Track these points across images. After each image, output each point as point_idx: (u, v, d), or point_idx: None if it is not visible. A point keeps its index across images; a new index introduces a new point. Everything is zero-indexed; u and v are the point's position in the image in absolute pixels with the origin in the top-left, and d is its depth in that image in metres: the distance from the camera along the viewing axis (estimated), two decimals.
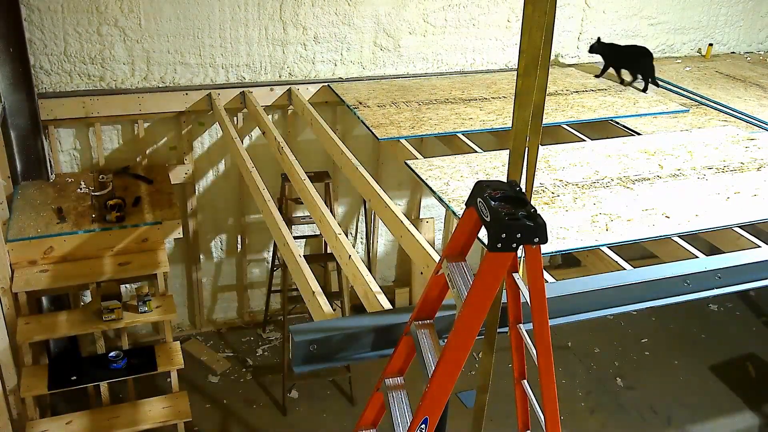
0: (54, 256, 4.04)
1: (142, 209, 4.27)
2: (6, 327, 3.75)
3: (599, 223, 3.03)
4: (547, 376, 1.91)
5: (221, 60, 4.68)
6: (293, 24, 4.73)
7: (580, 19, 5.57)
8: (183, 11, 4.44)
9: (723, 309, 6.14)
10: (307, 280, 2.76)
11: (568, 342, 5.54)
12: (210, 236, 5.22)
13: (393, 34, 5.04)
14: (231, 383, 4.98)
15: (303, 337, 2.27)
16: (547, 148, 3.83)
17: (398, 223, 3.06)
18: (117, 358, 3.98)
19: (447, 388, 1.89)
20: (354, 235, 5.68)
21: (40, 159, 4.38)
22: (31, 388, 3.80)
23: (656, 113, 4.59)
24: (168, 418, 4.03)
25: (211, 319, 5.51)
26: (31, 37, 4.20)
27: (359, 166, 3.61)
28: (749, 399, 5.10)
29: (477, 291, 1.79)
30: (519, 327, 2.07)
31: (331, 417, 4.73)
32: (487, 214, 1.79)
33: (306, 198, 3.44)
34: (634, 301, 2.69)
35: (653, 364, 5.41)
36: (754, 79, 5.51)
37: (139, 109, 4.51)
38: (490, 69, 5.46)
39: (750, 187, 3.44)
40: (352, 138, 5.11)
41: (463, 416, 3.07)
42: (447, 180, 3.40)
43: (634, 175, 3.54)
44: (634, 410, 4.95)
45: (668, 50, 6.06)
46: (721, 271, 2.79)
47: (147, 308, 4.04)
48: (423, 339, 2.12)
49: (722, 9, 6.07)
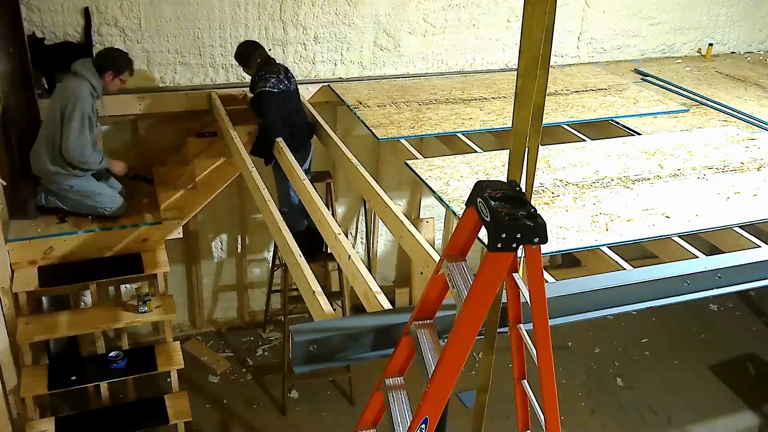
0: (54, 256, 4.04)
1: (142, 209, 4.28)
2: (6, 327, 3.75)
3: (599, 223, 3.03)
4: (547, 376, 1.91)
5: (221, 60, 4.68)
6: (293, 24, 4.73)
7: (580, 19, 5.57)
8: (183, 11, 4.44)
9: (723, 309, 6.14)
10: (307, 280, 2.76)
11: (568, 342, 5.54)
12: (210, 236, 5.22)
13: (393, 34, 5.04)
14: (231, 383, 4.98)
15: (303, 337, 2.27)
16: (547, 148, 3.83)
17: (398, 223, 3.06)
18: (117, 358, 3.98)
19: (447, 388, 1.89)
20: (354, 235, 5.68)
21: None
22: (31, 388, 3.80)
23: (656, 113, 4.59)
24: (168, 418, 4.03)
25: (211, 319, 5.51)
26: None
27: (359, 166, 3.61)
28: (749, 399, 5.10)
29: (477, 291, 1.79)
30: (519, 327, 2.06)
31: (331, 417, 4.73)
32: (487, 214, 1.79)
33: (306, 198, 3.44)
34: (634, 301, 2.69)
35: (653, 364, 5.41)
36: (754, 79, 5.51)
37: (139, 109, 4.51)
38: (490, 69, 5.46)
39: (750, 187, 3.43)
40: (352, 138, 5.11)
41: (463, 416, 3.07)
42: (447, 180, 3.40)
43: (634, 175, 3.54)
44: (634, 410, 4.95)
45: (668, 50, 6.06)
46: (721, 271, 2.79)
47: (147, 308, 4.04)
48: (423, 339, 2.12)
49: (722, 9, 6.07)
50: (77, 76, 3.89)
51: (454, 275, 1.97)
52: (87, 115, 3.88)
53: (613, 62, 5.84)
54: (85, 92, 3.87)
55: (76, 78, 3.89)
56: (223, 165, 4.33)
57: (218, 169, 4.33)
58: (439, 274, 2.09)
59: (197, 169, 4.30)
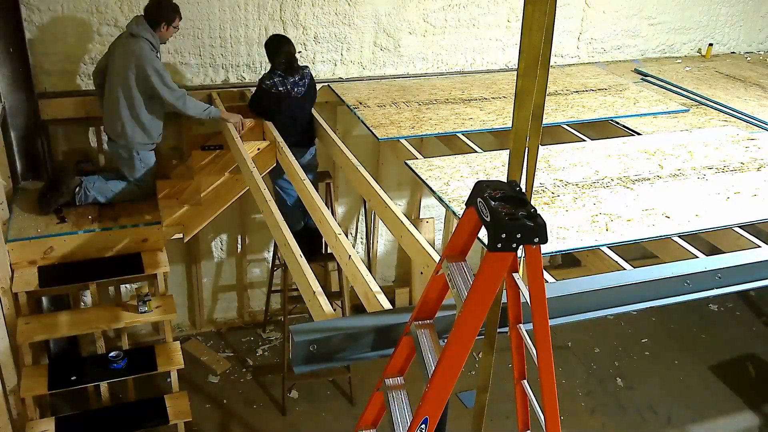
0: (54, 256, 4.04)
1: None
2: (6, 327, 3.74)
3: (599, 223, 3.03)
4: (547, 376, 1.91)
5: (221, 60, 4.68)
6: (293, 24, 4.73)
7: (580, 19, 5.57)
8: (183, 11, 4.43)
9: (723, 309, 6.14)
10: (307, 279, 2.76)
11: (568, 342, 5.54)
12: (210, 236, 5.22)
13: (393, 34, 5.04)
14: (231, 383, 4.98)
15: (303, 337, 2.27)
16: (547, 148, 3.83)
17: (398, 223, 3.06)
18: (117, 358, 3.98)
19: (447, 388, 1.89)
20: (354, 235, 5.68)
21: (40, 159, 4.38)
22: (31, 388, 3.80)
23: (656, 113, 4.59)
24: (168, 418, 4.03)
25: (211, 319, 5.51)
26: (31, 37, 4.19)
27: (359, 166, 3.61)
28: (749, 399, 5.10)
29: (477, 291, 1.79)
30: (519, 327, 2.06)
31: (331, 417, 4.73)
32: (487, 214, 1.79)
33: (306, 198, 3.44)
34: (634, 301, 2.69)
35: (653, 364, 5.41)
36: (754, 79, 5.51)
37: None
38: (490, 69, 5.46)
39: (750, 187, 3.43)
40: (352, 138, 5.11)
41: (463, 416, 3.07)
42: (447, 180, 3.40)
43: (635, 175, 3.54)
44: (634, 410, 4.95)
45: (668, 50, 6.07)
46: (721, 271, 2.79)
47: (147, 308, 4.04)
48: (423, 339, 2.12)
49: (722, 9, 6.07)
50: (134, 36, 3.93)
51: (454, 275, 1.97)
52: (162, 68, 3.97)
53: (613, 62, 5.84)
54: (147, 51, 3.93)
55: (133, 39, 3.94)
56: (229, 180, 4.28)
57: (224, 185, 4.28)
58: (439, 274, 2.09)
59: (202, 185, 4.22)
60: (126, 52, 3.95)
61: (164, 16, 4.00)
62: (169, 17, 4.02)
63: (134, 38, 3.93)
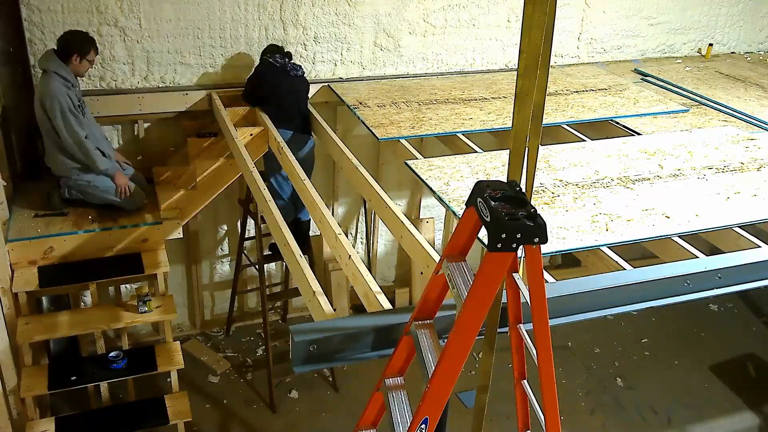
0: (54, 256, 4.04)
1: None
2: (6, 327, 3.74)
3: (599, 223, 3.03)
4: (547, 376, 1.91)
5: (221, 60, 4.68)
6: (293, 24, 4.73)
7: (580, 19, 5.57)
8: (183, 11, 4.44)
9: (723, 309, 6.14)
10: (307, 279, 2.76)
11: (568, 342, 5.54)
12: (210, 236, 5.22)
13: (393, 34, 5.04)
14: (231, 383, 4.98)
15: (303, 337, 2.27)
16: (547, 148, 3.83)
17: (398, 223, 3.06)
18: (117, 358, 3.98)
19: (447, 388, 1.89)
20: (354, 235, 5.68)
21: (40, 159, 4.38)
22: (31, 388, 3.80)
23: (656, 113, 4.59)
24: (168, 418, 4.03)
25: (212, 319, 5.50)
26: (31, 37, 4.19)
27: (359, 166, 3.61)
28: (749, 399, 5.10)
29: (477, 291, 1.79)
30: (519, 327, 2.06)
31: (330, 417, 4.72)
32: (487, 214, 1.79)
33: (306, 198, 3.44)
34: (634, 301, 2.69)
35: (653, 364, 5.41)
36: (754, 79, 5.51)
37: (139, 109, 4.51)
38: (490, 69, 5.46)
39: (750, 187, 3.44)
40: (352, 138, 5.11)
41: (463, 416, 3.07)
42: (447, 180, 3.40)
43: (634, 175, 3.54)
44: (634, 410, 4.95)
45: (668, 50, 6.07)
46: (721, 271, 2.79)
47: (147, 308, 4.04)
48: (423, 339, 2.12)
49: (722, 9, 6.07)
50: (45, 72, 3.87)
51: (454, 275, 1.97)
52: (67, 107, 3.84)
53: (613, 62, 5.84)
54: (55, 86, 3.82)
55: (44, 75, 3.87)
56: (223, 166, 4.34)
57: (219, 170, 4.34)
58: (439, 274, 2.09)
59: (198, 169, 4.30)
60: (39, 88, 3.90)
61: (75, 49, 3.90)
62: (82, 49, 3.91)
63: (45, 74, 3.87)
